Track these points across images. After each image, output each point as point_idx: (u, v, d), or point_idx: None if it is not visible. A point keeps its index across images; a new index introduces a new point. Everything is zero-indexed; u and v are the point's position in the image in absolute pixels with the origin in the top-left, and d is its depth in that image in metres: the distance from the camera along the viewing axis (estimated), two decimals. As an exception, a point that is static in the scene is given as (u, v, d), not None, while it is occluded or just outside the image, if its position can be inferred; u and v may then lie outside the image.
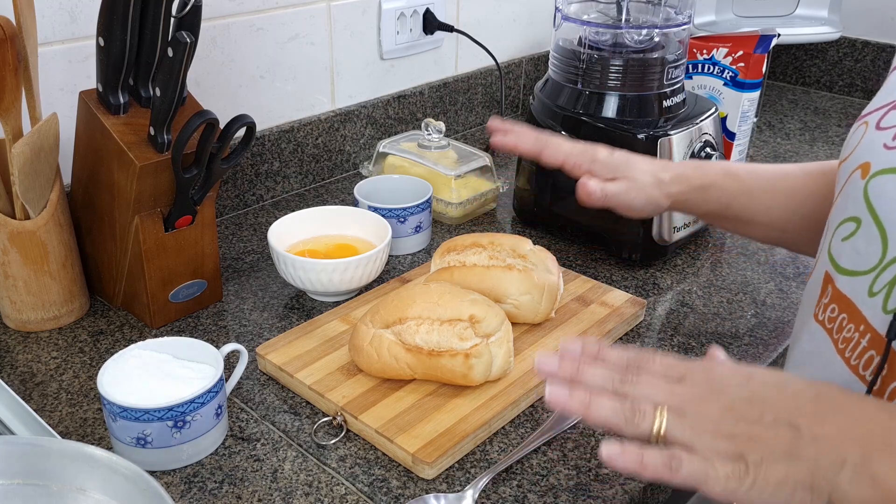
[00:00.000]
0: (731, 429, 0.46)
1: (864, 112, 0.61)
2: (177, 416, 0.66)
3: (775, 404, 0.47)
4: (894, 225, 0.51)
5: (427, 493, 0.66)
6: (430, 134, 1.15)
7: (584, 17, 1.03)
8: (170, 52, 0.72)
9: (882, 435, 0.45)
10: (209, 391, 0.67)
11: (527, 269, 0.84)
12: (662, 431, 0.48)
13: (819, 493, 0.45)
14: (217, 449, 0.70)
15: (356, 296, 0.92)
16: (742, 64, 1.23)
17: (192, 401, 0.66)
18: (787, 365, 0.66)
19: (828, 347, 0.57)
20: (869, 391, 0.51)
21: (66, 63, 0.92)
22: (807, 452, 0.45)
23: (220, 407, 0.69)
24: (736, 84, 1.25)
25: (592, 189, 0.78)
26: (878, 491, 0.44)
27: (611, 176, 0.79)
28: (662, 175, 0.80)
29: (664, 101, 1.01)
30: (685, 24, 1.02)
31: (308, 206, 1.00)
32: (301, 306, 0.91)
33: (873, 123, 0.57)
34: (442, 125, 1.15)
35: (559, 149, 0.80)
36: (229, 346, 0.74)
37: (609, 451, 0.47)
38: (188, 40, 0.71)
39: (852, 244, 0.55)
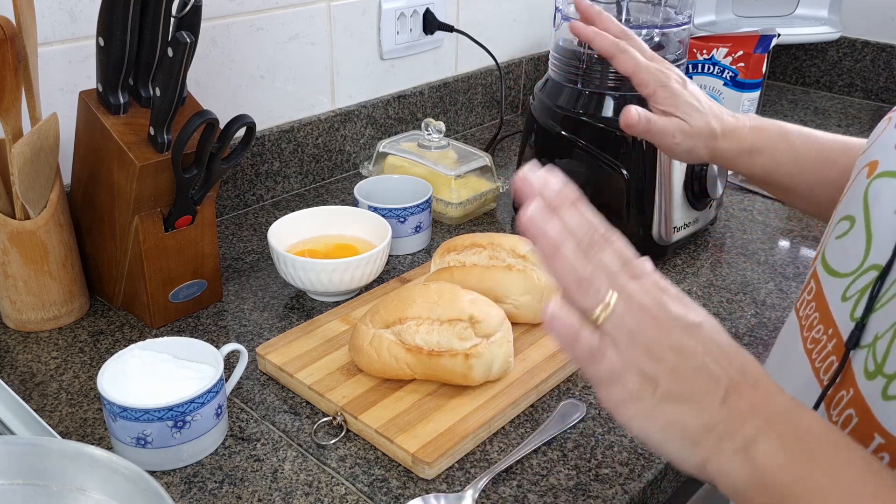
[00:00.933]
0: (660, 353, 0.44)
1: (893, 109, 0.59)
2: (177, 416, 0.66)
3: (707, 355, 0.45)
4: (880, 232, 0.49)
5: (427, 493, 0.66)
6: (430, 134, 1.15)
7: (584, 17, 1.03)
8: (170, 52, 0.72)
9: (777, 416, 0.44)
10: (209, 391, 0.67)
11: (527, 269, 0.84)
12: (602, 318, 0.45)
13: (699, 453, 0.44)
14: (217, 449, 0.70)
15: (356, 296, 0.92)
16: (742, 64, 1.23)
17: (192, 401, 0.66)
18: (771, 351, 0.65)
19: (797, 343, 0.56)
20: (823, 396, 0.50)
21: (66, 63, 0.92)
22: (712, 411, 0.44)
23: (220, 407, 0.69)
24: (736, 84, 1.25)
25: (634, 119, 0.75)
26: (752, 468, 0.43)
27: (670, 109, 0.76)
28: (717, 127, 0.77)
29: (664, 101, 1.01)
30: (685, 24, 1.02)
31: (308, 206, 1.00)
32: (301, 306, 0.91)
33: (895, 121, 0.54)
34: (442, 125, 1.15)
35: (635, 59, 0.77)
36: (229, 346, 0.74)
37: (554, 309, 0.45)
38: (188, 40, 0.71)
39: (842, 244, 0.53)
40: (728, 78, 1.25)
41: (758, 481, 0.43)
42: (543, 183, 0.47)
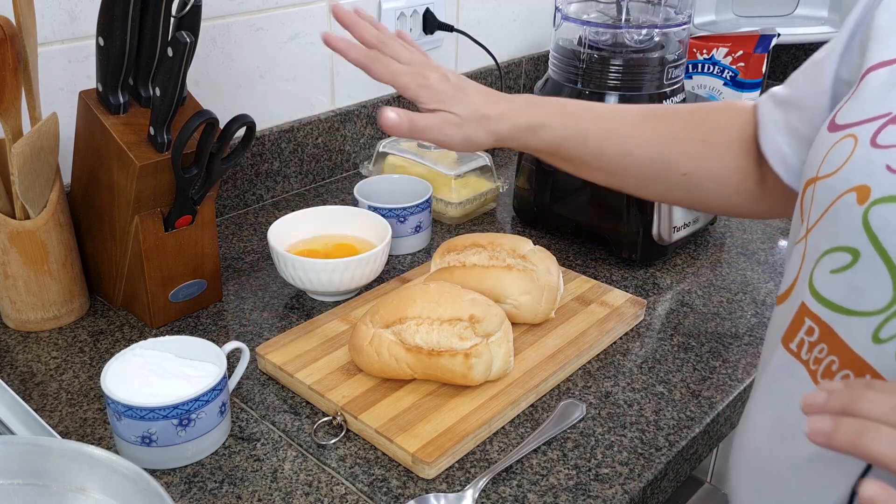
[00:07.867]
0: None
1: (843, 122, 0.54)
2: (182, 413, 0.66)
3: None
4: None
5: (427, 492, 0.66)
6: (430, 134, 1.14)
7: (584, 17, 1.03)
8: (170, 52, 0.72)
9: None
10: (214, 388, 0.67)
11: (527, 269, 0.84)
12: None
13: None
14: (217, 449, 0.70)
15: (356, 296, 0.92)
16: (742, 64, 1.23)
17: (197, 398, 0.66)
18: (753, 396, 0.60)
19: (809, 390, 0.51)
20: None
21: (66, 63, 0.92)
22: None
23: (223, 404, 0.69)
24: (736, 84, 1.25)
25: (394, 121, 0.72)
26: None
27: (435, 106, 0.74)
28: (487, 111, 0.74)
29: (664, 101, 1.01)
30: (685, 23, 1.02)
31: (308, 206, 1.00)
32: (301, 306, 0.92)
33: (866, 139, 0.50)
34: (442, 125, 1.15)
35: (388, 67, 0.74)
36: (231, 345, 0.74)
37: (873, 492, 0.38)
38: (188, 40, 0.71)
39: (847, 279, 0.49)
40: (728, 78, 1.25)
41: None
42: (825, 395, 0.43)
